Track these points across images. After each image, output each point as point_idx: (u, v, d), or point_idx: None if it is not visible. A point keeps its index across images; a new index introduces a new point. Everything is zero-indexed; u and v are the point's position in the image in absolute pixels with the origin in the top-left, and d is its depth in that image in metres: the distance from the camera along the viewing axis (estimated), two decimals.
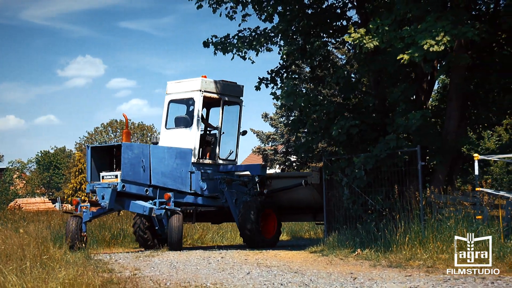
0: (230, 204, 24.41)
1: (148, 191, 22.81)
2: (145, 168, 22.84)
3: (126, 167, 22.29)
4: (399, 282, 13.28)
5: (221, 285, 13.60)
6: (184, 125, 24.85)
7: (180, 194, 23.80)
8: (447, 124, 21.93)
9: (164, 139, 25.20)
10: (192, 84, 24.85)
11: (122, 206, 22.96)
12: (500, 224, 17.20)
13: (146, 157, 22.92)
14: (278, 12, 23.91)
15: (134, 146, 23.37)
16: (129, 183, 22.34)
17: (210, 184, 24.52)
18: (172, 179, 23.59)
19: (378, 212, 20.75)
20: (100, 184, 22.38)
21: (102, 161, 23.24)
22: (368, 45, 18.56)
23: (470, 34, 17.75)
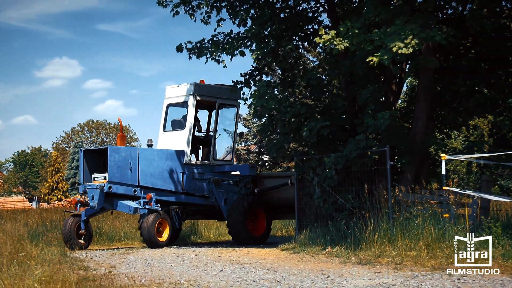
0: (220, 203, 24.80)
1: (136, 191, 23.20)
2: (133, 170, 23.28)
3: (112, 169, 22.79)
4: (369, 279, 13.31)
5: (194, 281, 13.57)
6: (180, 128, 25.33)
7: (172, 194, 24.32)
8: (415, 125, 22.04)
9: (162, 141, 25.75)
10: (187, 88, 25.35)
11: (112, 205, 23.36)
12: (467, 222, 17.30)
13: (134, 159, 23.34)
14: (251, 16, 23.90)
15: (121, 149, 23.65)
16: (116, 184, 22.83)
17: (201, 184, 25.02)
18: (162, 179, 24.04)
19: (348, 211, 20.81)
20: (91, 185, 22.99)
21: (94, 163, 23.74)
22: (339, 46, 18.61)
23: (438, 37, 17.86)
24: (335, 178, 21.00)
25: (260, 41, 23.43)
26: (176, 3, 23.56)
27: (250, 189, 25.51)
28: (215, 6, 23.66)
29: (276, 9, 23.91)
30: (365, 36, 18.64)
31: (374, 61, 18.01)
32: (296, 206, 22.90)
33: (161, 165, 24.12)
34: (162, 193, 23.90)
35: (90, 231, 23.63)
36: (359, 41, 18.61)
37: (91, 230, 23.83)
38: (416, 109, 22.34)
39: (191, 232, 30.05)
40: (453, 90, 23.54)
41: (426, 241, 16.75)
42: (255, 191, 25.61)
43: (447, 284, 12.26)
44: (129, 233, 27.82)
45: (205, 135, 26.99)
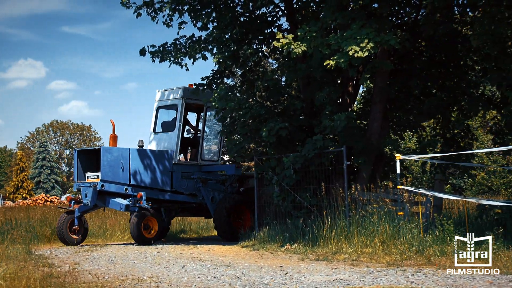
0: (206, 201, 25.27)
1: (127, 189, 23.66)
2: (125, 169, 23.86)
3: (105, 168, 23.38)
4: (326, 275, 13.35)
5: (157, 278, 13.54)
6: (169, 129, 25.73)
7: (162, 192, 24.83)
8: (371, 126, 22.18)
9: (153, 142, 26.21)
10: (176, 92, 25.73)
11: (104, 203, 23.90)
12: (420, 220, 17.42)
13: (126, 159, 23.92)
14: (212, 20, 23.87)
15: (114, 149, 24.17)
16: (108, 183, 23.41)
17: (189, 183, 25.41)
18: (153, 178, 24.58)
19: (306, 209, 20.87)
20: (84, 184, 23.62)
21: (88, 163, 24.33)
22: (296, 50, 18.66)
23: (393, 41, 17.98)
24: (293, 177, 21.07)
25: (221, 45, 23.43)
26: (139, 5, 23.51)
27: (235, 188, 26.00)
28: (177, 9, 23.58)
29: (236, 13, 23.89)
30: (322, 40, 18.70)
31: (331, 64, 18.07)
32: (256, 204, 22.96)
33: (151, 164, 24.63)
34: (152, 191, 24.41)
35: (85, 227, 24.37)
36: (317, 45, 18.66)
37: (86, 225, 24.49)
38: (372, 111, 22.47)
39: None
40: (407, 92, 23.73)
41: (381, 238, 16.86)
42: (241, 190, 26.17)
43: (402, 279, 12.34)
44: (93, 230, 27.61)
45: (193, 136, 27.35)
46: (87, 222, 24.92)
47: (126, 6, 23.41)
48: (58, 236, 23.81)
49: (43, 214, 31.15)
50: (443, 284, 11.65)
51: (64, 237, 23.44)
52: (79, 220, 23.74)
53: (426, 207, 18.58)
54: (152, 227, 23.54)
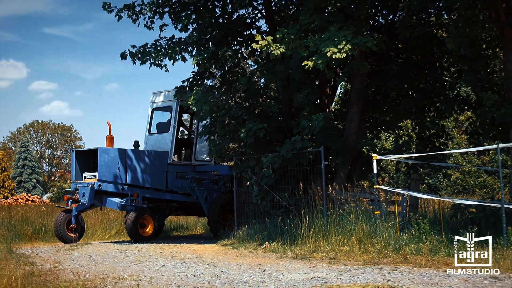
0: (200, 200, 25.44)
1: (124, 189, 23.97)
2: (121, 169, 24.07)
3: (102, 168, 23.59)
4: (304, 273, 13.37)
5: (137, 276, 13.50)
6: (164, 131, 25.85)
7: (157, 192, 25.04)
8: (348, 126, 22.23)
9: (148, 143, 26.33)
10: (171, 94, 25.68)
11: (101, 202, 24.12)
12: (396, 219, 17.48)
13: (122, 159, 24.13)
14: (192, 21, 23.84)
15: (110, 150, 24.25)
16: (105, 183, 23.62)
17: (184, 182, 25.53)
18: (148, 178, 24.80)
19: (284, 208, 20.89)
20: (82, 183, 23.87)
21: (85, 163, 24.60)
22: (275, 52, 18.69)
23: (369, 43, 18.04)
24: (272, 177, 21.09)
25: (200, 46, 23.41)
26: (120, 8, 23.45)
27: (229, 188, 26.04)
28: (157, 11, 23.58)
29: (216, 15, 23.90)
30: (300, 41, 18.74)
31: (309, 65, 18.10)
32: (235, 203, 23.01)
33: (147, 165, 24.89)
34: (147, 190, 24.71)
35: (82, 225, 24.54)
36: (295, 47, 18.70)
37: (83, 224, 24.68)
38: (349, 111, 22.53)
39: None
40: (384, 93, 23.81)
41: (358, 237, 16.90)
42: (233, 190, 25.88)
43: (378, 277, 12.37)
44: None
45: (187, 137, 27.56)
46: (84, 221, 25.07)
47: (108, 10, 23.35)
48: (55, 234, 24.00)
49: (24, 213, 31.00)
50: (419, 282, 11.69)
51: (62, 235, 23.67)
52: (76, 218, 23.91)
53: (402, 206, 18.65)
54: (148, 226, 23.87)
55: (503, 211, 15.47)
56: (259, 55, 24.79)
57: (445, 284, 11.32)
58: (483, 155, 45.73)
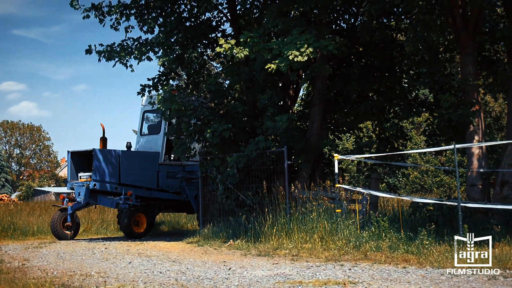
0: (190, 198, 25.63)
1: (117, 188, 24.29)
2: (115, 169, 24.40)
3: (96, 168, 23.95)
4: (267, 270, 13.37)
5: (104, 273, 13.42)
6: (155, 132, 26.16)
7: (149, 191, 25.22)
8: (311, 127, 22.31)
9: (140, 144, 26.66)
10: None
11: (96, 201, 24.53)
12: (357, 217, 17.55)
13: (116, 160, 24.42)
14: (158, 24, 23.76)
15: (105, 151, 24.63)
16: (100, 182, 23.95)
17: (174, 181, 25.71)
18: (141, 178, 25.03)
19: (248, 206, 20.89)
20: (77, 183, 24.30)
21: (80, 164, 24.93)
22: (239, 55, 18.69)
23: (331, 47, 18.09)
24: (236, 176, 21.10)
25: (166, 47, 23.34)
26: (87, 7, 23.30)
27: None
28: (124, 13, 23.46)
29: (182, 18, 23.83)
30: (264, 45, 18.74)
31: (273, 68, 18.11)
32: (201, 202, 22.99)
33: (139, 165, 25.12)
34: (140, 189, 24.87)
35: (77, 223, 25.03)
36: (259, 50, 18.71)
37: (78, 221, 25.16)
38: (312, 113, 22.60)
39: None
40: (345, 95, 23.92)
41: (320, 235, 16.94)
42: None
43: (339, 274, 12.41)
44: (42, 227, 27.33)
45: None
46: (79, 219, 25.59)
47: (75, 8, 23.16)
48: (52, 232, 24.40)
49: None
50: (378, 278, 11.75)
51: (58, 232, 24.03)
52: (71, 217, 24.27)
53: (362, 204, 18.75)
54: (142, 223, 24.42)
55: (459, 209, 15.60)
56: (224, 57, 24.78)
57: (403, 280, 11.39)
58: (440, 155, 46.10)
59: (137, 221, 24.30)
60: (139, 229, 24.33)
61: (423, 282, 11.15)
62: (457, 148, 16.64)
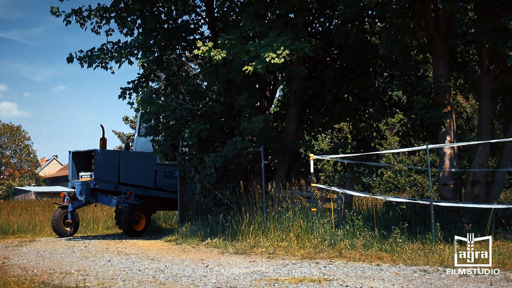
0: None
1: (117, 187, 24.71)
2: (115, 169, 24.80)
3: (97, 168, 24.36)
4: (244, 267, 13.37)
5: (84, 271, 13.38)
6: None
7: (147, 190, 25.49)
8: (287, 128, 22.35)
9: (138, 145, 27.04)
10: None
11: (96, 199, 24.99)
12: (332, 216, 17.58)
13: (116, 160, 24.83)
14: (137, 26, 23.71)
15: (105, 151, 25.11)
16: (100, 181, 24.35)
17: (171, 181, 25.80)
18: (139, 177, 25.36)
19: (226, 205, 20.90)
20: (78, 182, 24.59)
21: (81, 163, 25.46)
22: (216, 57, 18.68)
23: (307, 49, 18.11)
24: (214, 175, 21.10)
25: (145, 50, 23.29)
26: (68, 13, 23.18)
27: None
28: (104, 16, 23.38)
29: (161, 20, 23.79)
30: (241, 47, 18.75)
31: (250, 70, 18.11)
32: (179, 201, 22.99)
33: (137, 165, 25.42)
34: (138, 188, 25.15)
35: (77, 220, 25.57)
36: (236, 52, 18.71)
37: (78, 219, 25.71)
38: (288, 114, 22.64)
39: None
40: (321, 96, 23.96)
41: (296, 233, 16.96)
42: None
43: (315, 271, 12.43)
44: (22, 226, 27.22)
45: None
46: (79, 217, 26.25)
47: (56, 15, 23.06)
48: (53, 228, 24.93)
49: None
50: (353, 275, 11.79)
51: (59, 229, 24.59)
52: (72, 214, 24.84)
53: (337, 203, 18.78)
54: (141, 221, 24.73)
55: (431, 208, 15.68)
56: (202, 59, 24.75)
57: (377, 277, 11.43)
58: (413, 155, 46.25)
59: (136, 220, 24.57)
60: (139, 227, 24.63)
61: (396, 279, 11.20)
62: (429, 148, 16.72)
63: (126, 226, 24.20)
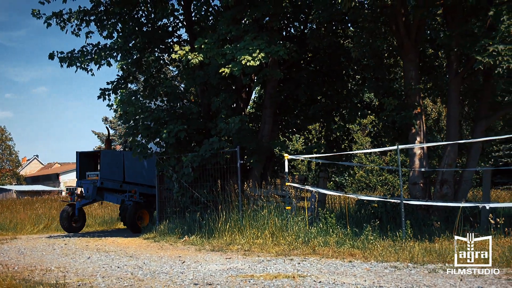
0: None
1: (122, 186, 25.66)
2: (120, 169, 25.71)
3: (104, 168, 25.36)
4: (221, 264, 13.35)
5: (64, 268, 13.30)
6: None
7: (150, 188, 25.76)
8: (262, 128, 22.36)
9: None
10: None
11: (102, 197, 25.99)
12: (306, 214, 17.60)
13: (120, 160, 25.65)
14: (117, 29, 23.61)
15: (111, 152, 25.99)
16: (106, 180, 25.33)
17: None
18: (142, 176, 25.93)
19: (203, 204, 20.88)
20: (85, 181, 25.64)
21: (88, 164, 26.52)
22: (193, 60, 18.67)
23: (281, 52, 18.15)
24: (191, 175, 21.06)
25: (125, 52, 23.21)
26: (48, 15, 23.05)
27: None
28: (84, 19, 23.28)
29: (140, 23, 23.71)
30: (218, 50, 18.74)
31: (226, 72, 18.12)
32: (157, 199, 23.01)
33: (141, 165, 25.75)
34: (142, 187, 25.72)
35: (84, 217, 26.80)
36: (213, 55, 18.70)
37: (84, 216, 26.93)
38: (263, 115, 22.65)
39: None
40: (295, 98, 23.99)
41: (271, 230, 16.97)
42: None
43: (289, 268, 12.43)
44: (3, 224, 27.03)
45: None
46: (85, 214, 27.33)
47: (37, 17, 22.92)
48: (60, 224, 26.08)
49: None
50: (326, 271, 11.80)
51: (66, 225, 25.77)
52: (79, 211, 26.11)
53: (311, 202, 18.81)
54: (144, 218, 25.13)
55: (402, 206, 15.74)
56: (179, 62, 24.71)
57: (349, 273, 11.45)
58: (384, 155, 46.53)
59: (140, 217, 24.88)
60: (142, 223, 24.84)
61: (367, 275, 11.23)
62: (400, 148, 16.80)
63: (131, 222, 24.49)
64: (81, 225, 26.46)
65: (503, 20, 15.02)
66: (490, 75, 19.85)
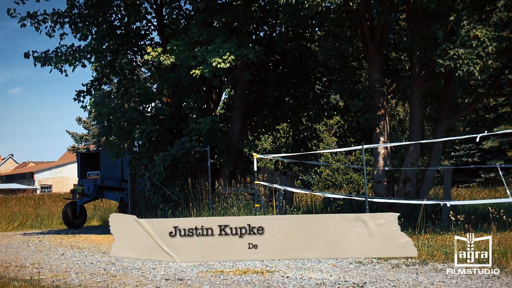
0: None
1: (121, 184, 26.13)
2: (118, 168, 26.17)
3: (103, 167, 26.07)
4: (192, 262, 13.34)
5: (38, 264, 13.21)
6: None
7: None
8: (232, 129, 22.37)
9: None
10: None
11: (102, 195, 26.48)
12: (274, 211, 17.65)
13: (119, 160, 25.31)
14: (91, 31, 23.47)
15: None
16: (106, 179, 26.01)
17: None
18: None
19: (174, 202, 20.82)
20: (86, 180, 26.20)
21: (88, 163, 27.12)
22: (165, 62, 18.67)
23: (251, 55, 18.20)
24: (163, 173, 20.99)
25: (98, 54, 23.08)
26: (23, 16, 22.87)
27: None
28: (58, 21, 23.11)
29: (113, 26, 23.60)
30: (189, 52, 18.75)
31: (197, 74, 18.13)
32: (130, 197, 22.91)
33: None
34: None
35: (85, 214, 27.37)
36: (184, 57, 18.70)
37: (85, 213, 27.50)
38: (233, 115, 22.67)
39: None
40: (264, 99, 24.02)
41: None
42: None
43: (257, 263, 12.44)
44: None
45: None
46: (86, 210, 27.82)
47: (12, 16, 22.73)
48: (63, 220, 26.76)
49: None
50: (293, 267, 11.84)
51: (69, 221, 26.34)
52: (80, 208, 26.70)
53: (279, 199, 18.86)
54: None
55: (366, 204, 15.84)
56: (152, 64, 24.64)
57: (316, 269, 11.49)
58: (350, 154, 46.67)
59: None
60: None
61: (333, 270, 11.28)
62: (365, 148, 16.91)
63: None
64: (82, 221, 26.79)
65: (464, 25, 15.20)
66: (451, 78, 20.04)
